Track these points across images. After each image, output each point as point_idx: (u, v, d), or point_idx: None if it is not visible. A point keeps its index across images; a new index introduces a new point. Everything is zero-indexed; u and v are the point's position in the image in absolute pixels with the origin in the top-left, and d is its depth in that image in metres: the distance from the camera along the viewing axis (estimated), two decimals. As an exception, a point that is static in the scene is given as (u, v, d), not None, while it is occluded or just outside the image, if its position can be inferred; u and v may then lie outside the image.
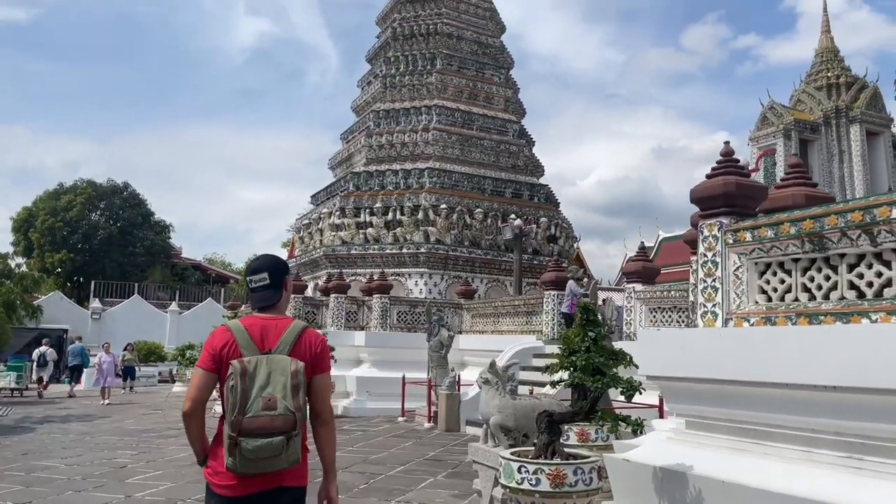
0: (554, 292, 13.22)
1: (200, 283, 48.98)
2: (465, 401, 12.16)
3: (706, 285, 4.62)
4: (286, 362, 2.48)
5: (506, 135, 22.92)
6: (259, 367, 2.44)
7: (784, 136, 37.38)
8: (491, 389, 5.01)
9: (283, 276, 2.73)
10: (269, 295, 2.67)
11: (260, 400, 2.39)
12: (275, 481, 2.47)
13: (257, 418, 2.37)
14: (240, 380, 2.40)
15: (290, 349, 2.54)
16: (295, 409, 2.41)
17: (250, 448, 2.36)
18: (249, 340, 2.53)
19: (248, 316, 2.71)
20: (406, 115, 22.21)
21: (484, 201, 20.68)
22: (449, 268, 19.52)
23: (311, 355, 2.58)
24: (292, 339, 2.56)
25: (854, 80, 38.54)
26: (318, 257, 20.94)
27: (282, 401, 2.40)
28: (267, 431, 2.37)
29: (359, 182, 21.27)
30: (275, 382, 2.43)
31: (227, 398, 2.42)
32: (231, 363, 2.45)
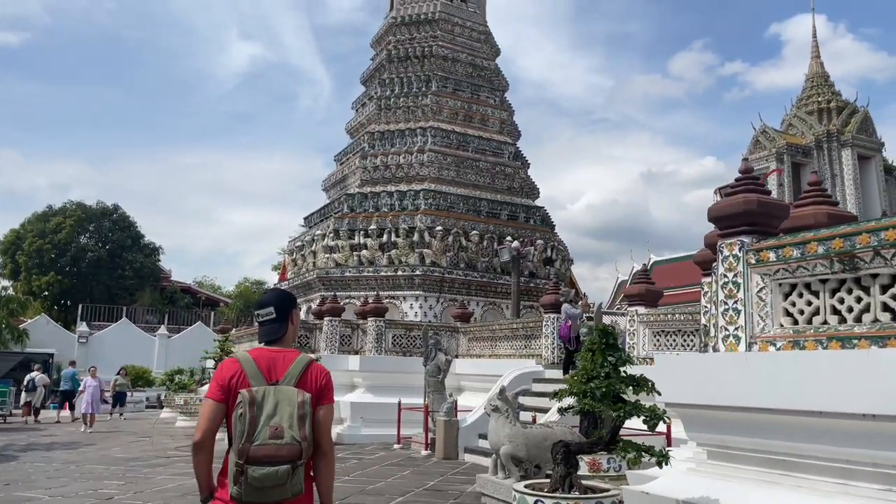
0: (553, 315, 13.03)
1: (190, 307, 48.50)
2: (464, 427, 11.88)
3: (727, 307, 4.44)
4: (293, 393, 2.54)
5: (501, 157, 22.90)
6: (267, 397, 2.51)
7: (777, 160, 37.69)
8: (501, 417, 4.80)
9: (289, 310, 2.82)
10: (276, 328, 2.76)
11: (267, 429, 2.45)
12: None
13: (264, 446, 2.42)
14: (248, 408, 2.46)
15: (297, 381, 2.61)
16: (301, 439, 2.47)
17: (256, 476, 2.41)
18: (258, 371, 2.60)
19: (256, 348, 2.78)
20: (401, 136, 22.16)
21: (480, 223, 20.56)
22: (444, 290, 19.31)
23: (316, 387, 2.66)
24: (299, 371, 2.64)
25: (844, 104, 39.01)
26: (311, 280, 20.68)
27: (288, 430, 2.47)
28: (273, 460, 2.42)
29: (353, 204, 21.12)
30: (282, 412, 2.49)
31: (236, 426, 2.48)
32: (240, 392, 2.52)
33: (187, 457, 11.82)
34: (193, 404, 18.60)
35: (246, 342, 20.64)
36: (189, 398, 18.73)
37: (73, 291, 42.71)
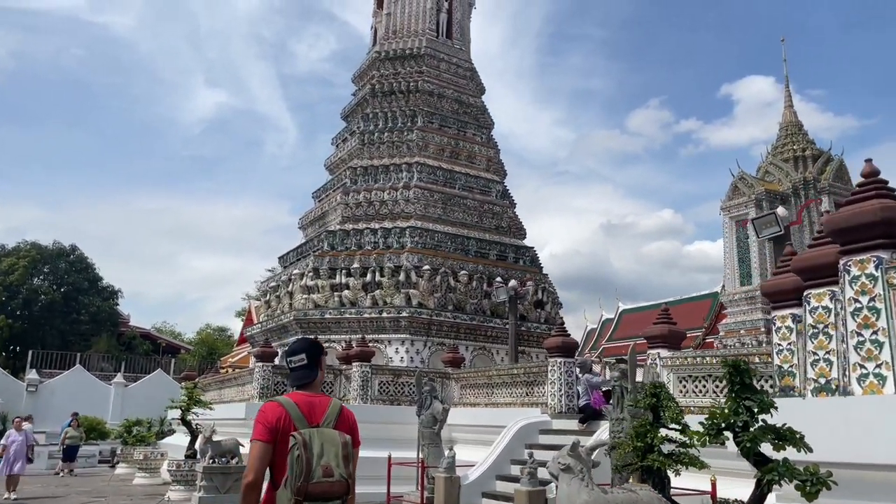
0: (560, 359, 12.10)
1: (149, 354, 46.35)
2: (466, 485, 10.74)
3: (862, 339, 3.58)
4: (335, 435, 2.86)
5: (489, 195, 22.25)
6: (314, 439, 2.78)
7: (756, 206, 38.04)
8: (574, 480, 3.84)
9: (319, 357, 3.15)
10: (307, 373, 3.08)
11: (319, 468, 2.73)
12: None
13: (320, 484, 2.72)
14: (303, 451, 2.72)
15: (335, 423, 2.95)
16: (347, 476, 2.80)
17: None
18: (301, 414, 2.88)
19: (292, 393, 3.05)
20: (385, 172, 21.39)
21: (469, 263, 19.70)
22: (432, 334, 18.25)
23: (350, 429, 3.03)
24: (335, 414, 2.99)
25: (819, 153, 39.77)
26: (287, 322, 19.43)
27: (336, 468, 2.77)
28: (328, 496, 2.74)
29: (334, 241, 20.11)
30: (328, 453, 2.78)
31: (292, 467, 2.73)
32: (293, 435, 2.77)
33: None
34: (153, 459, 17.01)
35: (214, 390, 19.18)
36: (149, 452, 17.12)
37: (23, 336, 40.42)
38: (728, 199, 41.18)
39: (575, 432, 11.02)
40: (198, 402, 14.66)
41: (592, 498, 3.77)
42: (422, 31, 24.32)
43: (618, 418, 7.85)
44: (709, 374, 9.21)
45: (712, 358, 9.16)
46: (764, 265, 36.18)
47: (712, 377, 9.18)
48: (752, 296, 37.25)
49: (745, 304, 33.53)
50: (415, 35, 24.36)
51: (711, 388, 9.17)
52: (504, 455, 11.18)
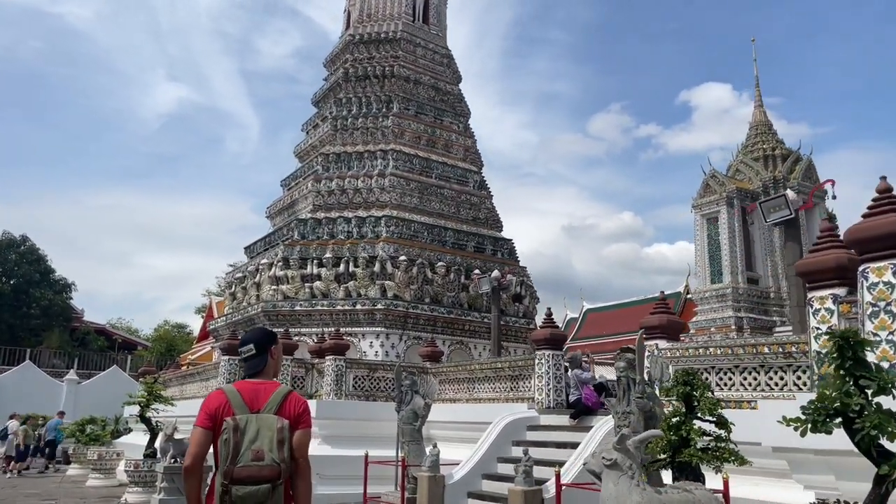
0: (549, 352, 11.58)
1: (104, 350, 44.68)
2: (451, 484, 10.13)
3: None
4: (273, 420, 2.91)
5: (466, 185, 21.67)
6: (249, 424, 2.85)
7: (727, 204, 38.33)
8: (624, 479, 3.28)
9: (268, 346, 3.21)
10: (257, 363, 3.17)
11: (249, 452, 2.80)
12: None
13: (247, 467, 2.77)
14: (232, 434, 2.80)
15: (277, 409, 2.97)
16: (280, 461, 2.83)
17: (240, 494, 2.75)
18: (241, 401, 2.96)
19: (240, 381, 3.15)
20: (359, 159, 20.64)
21: (446, 254, 19.09)
22: (408, 327, 17.59)
23: (294, 414, 3.02)
24: (279, 400, 3.02)
25: (789, 152, 40.29)
26: (254, 314, 18.55)
27: (269, 453, 2.82)
28: (255, 479, 2.77)
29: (305, 230, 19.27)
30: (262, 437, 2.84)
31: (221, 450, 2.82)
32: (225, 420, 2.86)
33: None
34: (109, 459, 16.00)
35: (175, 385, 18.21)
36: (104, 452, 16.10)
37: (-32, 331, 38.44)
38: (699, 197, 41.40)
39: (565, 428, 10.53)
40: (158, 398, 13.77)
41: (645, 499, 3.21)
42: (397, 15, 23.61)
43: (624, 412, 7.32)
44: (712, 365, 8.77)
45: (716, 349, 8.72)
46: (735, 263, 36.46)
47: (716, 369, 8.75)
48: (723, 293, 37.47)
49: (715, 301, 33.68)
50: (390, 19, 23.63)
51: (715, 380, 8.74)
52: (490, 453, 10.62)
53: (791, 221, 8.10)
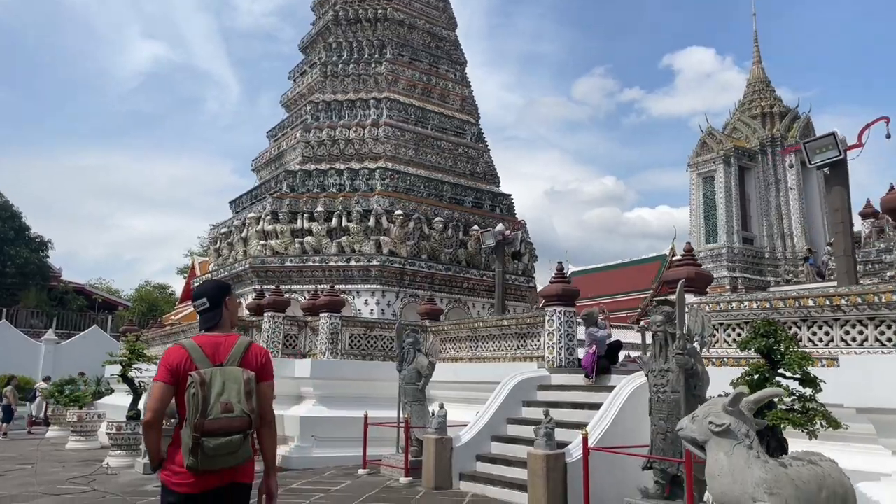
0: (560, 308, 10.95)
1: (83, 310, 43.65)
2: (458, 447, 9.57)
3: None
4: (238, 372, 2.95)
5: (463, 137, 20.77)
6: (214, 378, 2.89)
7: (724, 163, 37.69)
8: (739, 449, 2.64)
9: (221, 298, 3.22)
10: (211, 316, 3.18)
11: (218, 405, 2.83)
12: (229, 477, 2.93)
13: (217, 420, 2.81)
14: (199, 388, 2.83)
15: (240, 361, 3.02)
16: (249, 412, 2.90)
17: (212, 446, 2.80)
18: (203, 355, 2.98)
19: (198, 335, 3.14)
20: (351, 107, 19.62)
21: (443, 209, 18.31)
22: (405, 285, 16.90)
23: (257, 366, 3.09)
24: (241, 352, 3.05)
25: (787, 110, 39.65)
26: (241, 271, 17.75)
27: (237, 405, 2.86)
28: (226, 431, 2.82)
29: (294, 182, 18.36)
30: (229, 390, 2.88)
31: (189, 405, 2.84)
32: (190, 374, 2.87)
33: (84, 493, 8.87)
34: (90, 421, 15.32)
35: (159, 344, 17.47)
36: (84, 414, 15.41)
37: (-61, 289, 37.28)
38: (696, 156, 40.73)
39: (580, 388, 9.97)
40: (140, 357, 13.05)
41: (772, 475, 2.56)
42: (390, -46, 22.28)
43: (661, 370, 6.72)
44: (746, 320, 8.17)
45: (751, 301, 8.10)
46: (731, 222, 36.13)
47: (749, 324, 8.14)
48: (717, 253, 37.15)
49: (710, 261, 33.36)
50: (382, -43, 22.31)
51: (748, 336, 8.15)
52: (500, 414, 10.06)
53: (838, 163, 7.51)
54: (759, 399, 3.13)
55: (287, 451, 12.10)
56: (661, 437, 6.60)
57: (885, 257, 20.43)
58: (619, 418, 8.01)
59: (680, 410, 6.44)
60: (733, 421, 2.77)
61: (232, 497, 2.96)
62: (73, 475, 10.51)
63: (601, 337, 9.97)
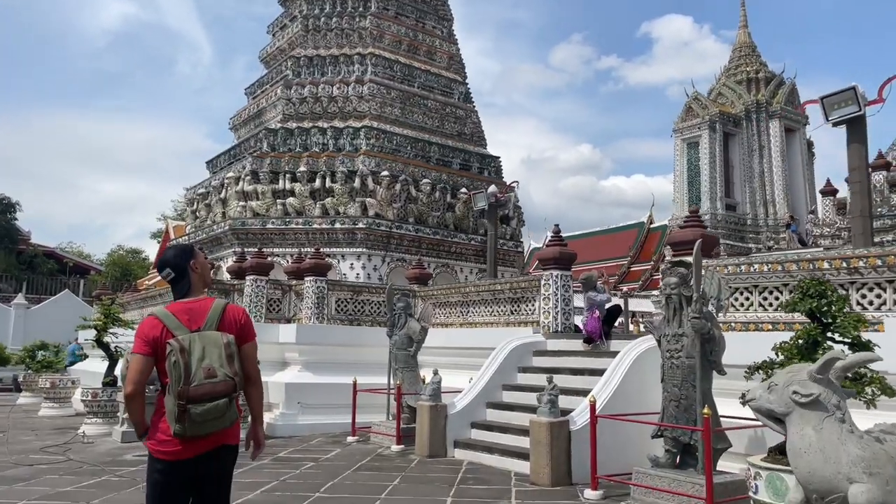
0: (557, 272, 10.63)
1: (54, 274, 42.61)
2: (453, 414, 9.28)
3: None
4: (217, 336, 2.94)
5: (451, 96, 20.15)
6: (194, 344, 2.88)
7: (710, 128, 37.43)
8: (830, 422, 2.34)
9: (185, 263, 3.16)
10: (181, 284, 3.14)
11: (201, 371, 2.83)
12: (218, 441, 2.95)
13: (202, 386, 2.81)
14: (180, 356, 2.82)
15: (217, 325, 3.01)
16: (233, 375, 2.90)
17: (198, 412, 2.80)
18: (178, 323, 2.96)
19: (171, 303, 3.12)
20: (334, 63, 18.86)
21: (430, 171, 17.78)
22: (391, 248, 16.46)
23: (237, 328, 3.06)
24: (217, 315, 3.03)
25: (772, 75, 39.40)
26: (220, 233, 17.14)
27: (220, 369, 2.86)
28: (211, 396, 2.82)
29: (275, 141, 17.67)
30: (210, 354, 2.87)
31: (171, 373, 2.84)
32: (168, 342, 2.88)
33: (59, 462, 8.43)
34: (63, 387, 14.81)
35: (135, 308, 16.90)
36: (57, 380, 14.88)
37: None
38: (681, 121, 40.42)
39: (579, 353, 9.71)
40: (116, 321, 12.52)
41: (869, 452, 2.23)
42: None
43: (675, 334, 6.43)
44: (755, 284, 7.91)
45: (761, 265, 7.83)
46: (714, 189, 36.10)
47: (759, 287, 7.90)
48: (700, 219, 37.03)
49: (693, 229, 33.36)
50: None
51: (758, 300, 7.90)
52: (495, 380, 9.77)
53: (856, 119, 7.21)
54: (852, 364, 2.79)
55: (272, 419, 11.75)
56: (673, 404, 6.35)
57: (870, 224, 20.41)
58: (623, 384, 7.75)
59: (695, 377, 6.18)
60: (822, 391, 2.43)
61: (220, 459, 2.99)
62: (48, 444, 10.06)
63: (601, 301, 9.67)
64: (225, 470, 3.09)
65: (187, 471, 2.92)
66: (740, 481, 6.03)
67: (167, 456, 2.88)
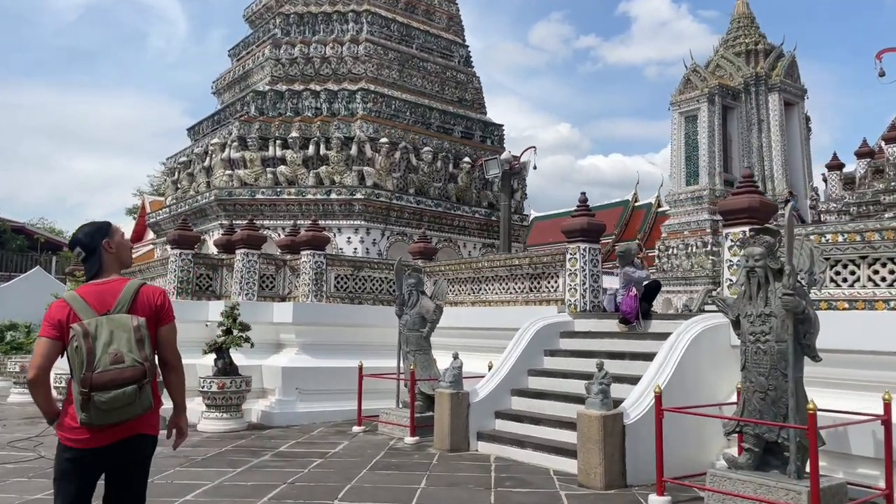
0: (585, 245, 9.73)
1: (24, 251, 41.02)
2: (475, 402, 8.37)
3: None
4: (127, 319, 2.82)
5: (451, 59, 19.02)
6: (101, 327, 2.76)
7: (709, 101, 36.63)
8: None
9: (97, 242, 3.04)
10: (92, 263, 3.03)
11: (107, 356, 2.71)
12: (133, 429, 2.83)
13: (107, 372, 2.70)
14: (83, 340, 2.71)
15: (129, 307, 2.88)
16: (143, 360, 2.77)
17: (104, 400, 2.69)
18: (86, 305, 2.84)
19: (81, 286, 3.02)
20: (327, 21, 17.62)
21: (432, 138, 16.72)
22: (391, 221, 15.43)
23: (151, 309, 2.94)
24: (129, 297, 2.90)
25: (771, 47, 38.60)
26: (205, 204, 15.99)
27: (128, 354, 2.75)
28: (117, 383, 2.70)
29: (264, 105, 16.46)
30: (118, 339, 2.76)
31: (73, 359, 2.74)
32: (72, 327, 2.76)
33: (29, 460, 7.41)
34: (35, 372, 13.66)
35: (112, 287, 15.74)
36: (28, 363, 13.72)
37: None
38: (678, 94, 39.45)
39: (613, 335, 8.83)
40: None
41: None
42: None
43: (762, 314, 5.53)
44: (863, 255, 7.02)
45: (818, 235, 6.96)
46: (713, 164, 35.41)
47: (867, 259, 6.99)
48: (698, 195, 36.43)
49: (690, 204, 32.57)
50: None
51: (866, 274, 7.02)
52: (520, 364, 8.89)
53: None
54: None
55: (268, 406, 10.82)
56: (758, 395, 5.46)
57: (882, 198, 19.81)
58: (678, 371, 6.87)
59: (786, 364, 5.31)
60: None
61: (134, 449, 2.87)
62: (17, 437, 9.03)
63: (639, 278, 8.78)
64: (138, 461, 2.94)
65: (98, 460, 2.82)
66: (840, 485, 5.21)
67: (76, 444, 2.79)
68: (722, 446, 7.12)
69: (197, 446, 8.48)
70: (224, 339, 10.01)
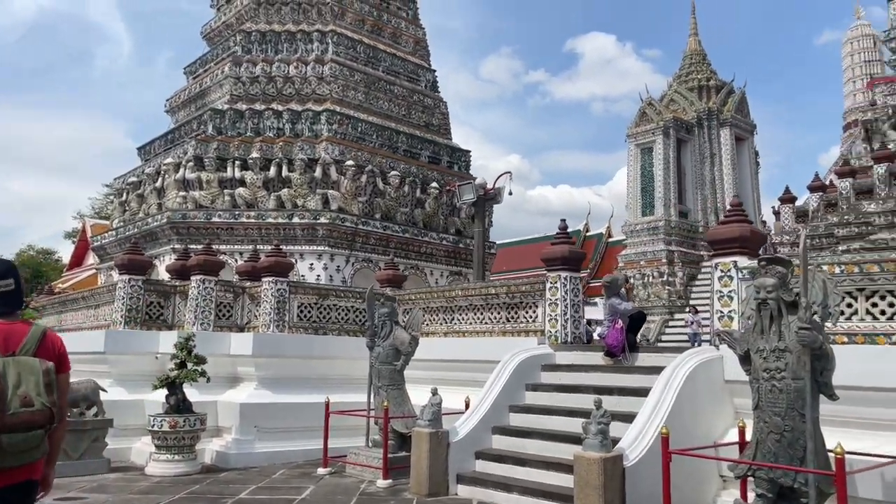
0: (566, 274, 9.40)
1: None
2: (455, 442, 7.86)
3: None
4: (35, 363, 2.78)
5: (418, 83, 18.75)
6: (8, 368, 2.70)
7: (664, 134, 37.46)
8: None
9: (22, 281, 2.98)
10: (15, 299, 2.94)
11: (17, 398, 2.65)
12: (24, 475, 2.76)
13: (18, 415, 2.64)
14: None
15: (35, 351, 2.83)
16: (51, 405, 2.75)
17: (13, 442, 2.63)
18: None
19: None
20: (290, 41, 17.16)
21: (399, 162, 16.30)
22: (356, 247, 14.88)
23: (55, 356, 2.91)
24: (35, 341, 2.86)
25: (722, 83, 39.98)
26: (156, 227, 15.16)
27: (37, 397, 2.70)
28: (28, 425, 2.66)
29: (222, 124, 15.82)
30: (27, 381, 2.70)
31: None
32: None
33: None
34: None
35: (51, 314, 14.74)
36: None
37: None
38: (635, 126, 40.34)
39: (598, 368, 8.48)
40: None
41: None
42: None
43: (774, 349, 5.23)
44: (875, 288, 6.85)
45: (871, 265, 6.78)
46: (668, 195, 36.10)
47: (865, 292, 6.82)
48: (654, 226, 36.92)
49: (646, 234, 33.03)
50: None
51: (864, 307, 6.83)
52: (501, 400, 8.42)
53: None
54: None
55: (223, 447, 10.08)
56: (774, 436, 5.14)
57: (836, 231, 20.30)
58: (676, 409, 6.54)
59: (802, 403, 5.01)
60: None
61: (27, 493, 2.81)
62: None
63: (624, 310, 8.48)
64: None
65: None
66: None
67: None
68: (718, 487, 6.80)
69: (146, 493, 7.73)
70: (178, 373, 9.28)
